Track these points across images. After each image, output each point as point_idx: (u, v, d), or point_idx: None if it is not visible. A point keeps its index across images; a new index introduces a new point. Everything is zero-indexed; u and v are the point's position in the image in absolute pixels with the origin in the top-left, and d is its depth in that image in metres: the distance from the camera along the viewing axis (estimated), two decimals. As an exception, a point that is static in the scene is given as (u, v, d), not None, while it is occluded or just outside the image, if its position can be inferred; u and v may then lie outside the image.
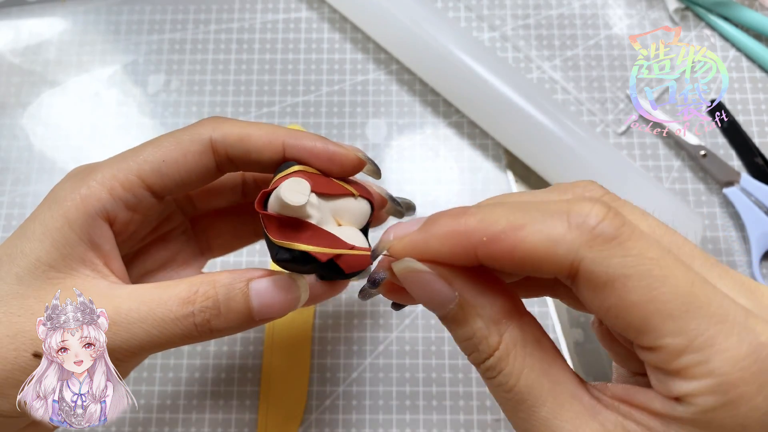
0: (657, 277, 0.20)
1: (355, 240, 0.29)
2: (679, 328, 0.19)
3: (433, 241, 0.23)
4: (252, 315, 0.28)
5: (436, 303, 0.23)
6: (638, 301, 0.20)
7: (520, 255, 0.21)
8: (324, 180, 0.29)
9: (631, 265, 0.20)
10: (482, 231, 0.21)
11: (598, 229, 0.20)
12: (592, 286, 0.20)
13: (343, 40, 0.55)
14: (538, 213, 0.21)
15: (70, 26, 0.56)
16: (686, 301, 0.20)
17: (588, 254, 0.20)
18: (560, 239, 0.20)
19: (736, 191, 0.49)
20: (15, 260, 0.27)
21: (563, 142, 0.47)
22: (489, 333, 0.22)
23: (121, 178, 0.29)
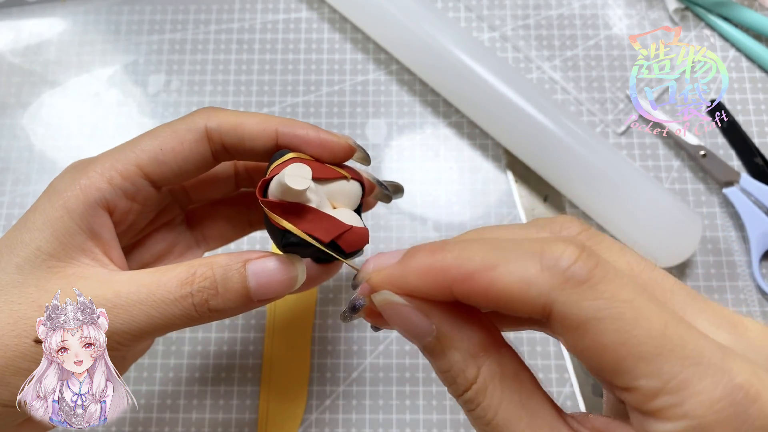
0: (629, 320, 0.19)
1: (352, 220, 0.30)
2: (653, 370, 0.19)
3: (410, 276, 0.23)
4: (250, 295, 0.28)
5: (414, 335, 0.23)
6: (611, 344, 0.20)
7: (494, 295, 0.21)
8: (318, 165, 0.30)
9: (603, 307, 0.20)
10: (457, 269, 0.22)
11: (570, 271, 0.20)
12: (565, 328, 0.20)
13: (343, 41, 0.55)
14: (512, 252, 0.21)
15: (71, 26, 0.56)
16: (659, 344, 0.19)
17: (560, 297, 0.20)
18: (532, 281, 0.20)
19: (736, 191, 0.49)
20: (15, 250, 0.28)
21: (563, 142, 0.47)
22: (466, 366, 0.22)
23: (119, 168, 0.29)
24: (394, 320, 0.24)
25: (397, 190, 0.37)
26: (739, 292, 0.48)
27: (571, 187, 0.48)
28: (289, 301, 0.48)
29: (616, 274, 0.20)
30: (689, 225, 0.46)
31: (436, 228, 0.50)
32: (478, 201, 0.51)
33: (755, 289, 0.48)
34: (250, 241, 0.50)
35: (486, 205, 0.51)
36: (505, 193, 0.51)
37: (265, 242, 0.50)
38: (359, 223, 0.30)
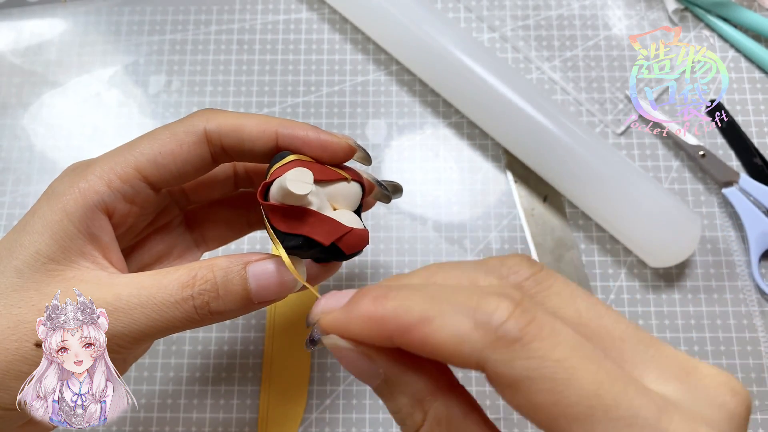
0: (561, 381, 0.19)
1: (352, 221, 0.30)
2: (586, 429, 0.19)
3: (354, 323, 0.23)
4: (250, 297, 0.28)
5: (363, 378, 0.24)
6: (543, 404, 0.19)
7: (429, 349, 0.21)
8: (318, 167, 0.30)
9: (534, 367, 0.19)
10: (396, 320, 0.21)
11: (501, 329, 0.20)
12: (499, 385, 0.20)
13: (344, 41, 0.55)
14: (448, 306, 0.21)
15: (71, 27, 0.57)
16: (591, 404, 0.19)
17: (491, 355, 0.20)
18: (465, 338, 0.20)
19: (735, 191, 0.49)
20: (14, 254, 0.28)
21: (562, 143, 0.47)
22: (413, 410, 0.22)
23: (118, 170, 0.29)
24: (343, 363, 0.24)
25: (396, 190, 0.37)
26: (738, 292, 0.48)
27: (570, 187, 0.48)
28: (290, 301, 0.48)
29: (552, 330, 0.20)
30: (688, 225, 0.46)
31: (436, 228, 0.50)
32: (477, 201, 0.51)
33: (754, 289, 0.48)
34: (249, 241, 0.50)
35: (486, 205, 0.51)
36: (505, 193, 0.51)
37: (266, 242, 0.50)
38: (359, 224, 0.30)
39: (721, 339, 0.47)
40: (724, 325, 0.47)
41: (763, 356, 0.46)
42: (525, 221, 0.50)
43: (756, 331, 0.47)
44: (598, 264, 0.49)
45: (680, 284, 0.48)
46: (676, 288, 0.48)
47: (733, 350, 0.47)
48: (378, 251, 0.49)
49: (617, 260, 0.49)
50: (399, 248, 0.50)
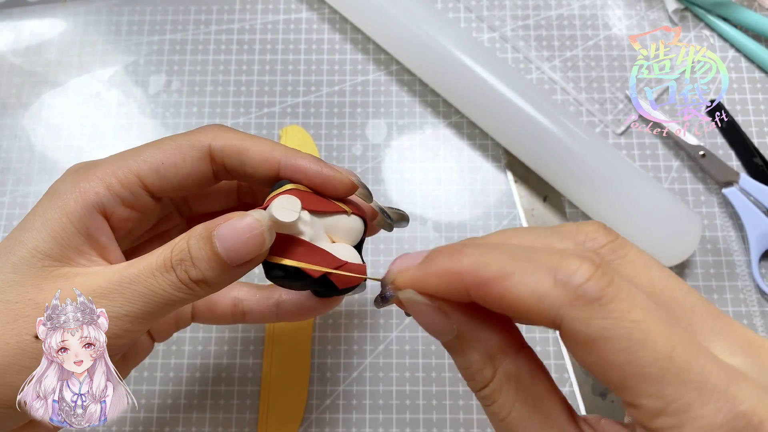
0: (636, 341, 0.20)
1: (348, 256, 0.29)
2: (656, 391, 0.20)
3: (431, 278, 0.24)
4: (223, 259, 0.27)
5: (436, 332, 0.24)
6: (617, 362, 0.20)
7: (507, 303, 0.21)
8: (317, 198, 0.30)
9: (610, 327, 0.20)
10: (473, 275, 0.22)
11: (581, 289, 0.20)
12: (573, 343, 0.21)
13: (343, 41, 0.55)
14: (528, 263, 0.21)
15: (71, 27, 0.57)
16: (664, 366, 0.20)
17: (569, 313, 0.20)
18: (545, 295, 0.21)
19: (735, 191, 0.49)
20: (12, 250, 0.28)
21: (562, 143, 0.47)
22: (484, 366, 0.23)
23: (119, 175, 0.30)
24: (417, 318, 0.25)
25: (401, 219, 0.37)
26: (739, 292, 0.48)
27: (570, 187, 0.48)
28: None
29: (629, 293, 0.20)
30: (689, 225, 0.46)
31: (436, 228, 0.50)
32: (477, 201, 0.51)
33: (754, 289, 0.48)
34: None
35: (486, 206, 0.51)
36: (505, 193, 0.51)
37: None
38: (356, 259, 0.30)
39: (721, 339, 0.47)
40: (724, 325, 0.47)
41: (763, 356, 0.46)
42: (525, 221, 0.50)
43: (756, 331, 0.47)
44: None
45: (680, 284, 0.48)
46: (676, 288, 0.48)
47: (733, 350, 0.47)
48: (378, 251, 0.49)
49: (617, 260, 0.49)
50: (399, 248, 0.50)
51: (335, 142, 0.52)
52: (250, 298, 0.38)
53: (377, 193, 0.51)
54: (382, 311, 0.48)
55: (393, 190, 0.51)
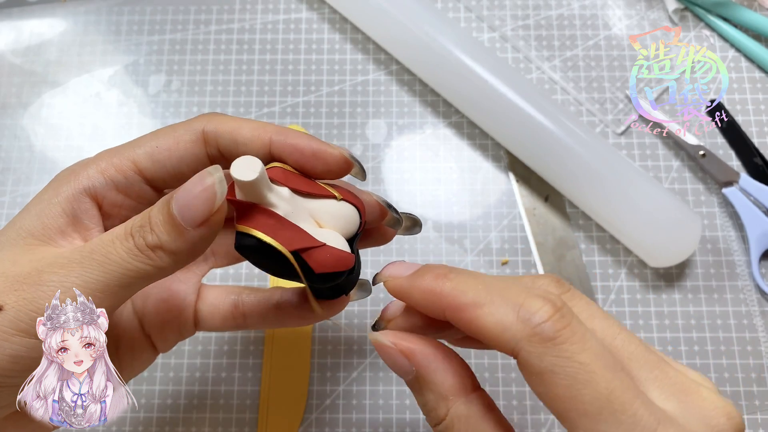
0: (580, 381, 0.23)
1: (333, 240, 0.28)
2: (591, 426, 0.22)
3: (415, 292, 0.27)
4: (177, 220, 0.26)
5: (398, 371, 0.27)
6: (561, 396, 0.23)
7: (475, 329, 0.25)
8: (304, 179, 0.29)
9: (560, 364, 0.23)
10: (452, 299, 0.25)
11: (539, 327, 0.23)
12: (527, 372, 0.24)
13: (343, 41, 0.55)
14: (498, 297, 0.25)
15: (71, 27, 0.57)
16: (601, 405, 0.22)
17: (526, 347, 0.23)
18: (507, 328, 0.24)
19: (735, 191, 0.49)
20: (5, 230, 0.29)
21: (562, 143, 0.47)
22: (437, 405, 0.26)
23: (115, 161, 0.30)
24: (383, 356, 0.28)
25: (414, 224, 0.36)
26: (739, 291, 0.48)
27: (570, 187, 0.48)
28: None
29: (582, 336, 0.23)
30: (689, 225, 0.46)
31: (436, 228, 0.50)
32: (478, 201, 0.51)
33: (754, 289, 0.48)
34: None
35: (486, 205, 0.51)
36: (505, 193, 0.51)
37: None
38: (342, 246, 0.28)
39: (722, 339, 0.47)
40: (725, 325, 0.47)
41: (764, 356, 0.46)
42: (527, 221, 0.50)
43: (756, 331, 0.47)
44: (599, 264, 0.49)
45: (680, 284, 0.48)
46: (677, 288, 0.48)
47: (733, 350, 0.47)
48: (378, 251, 0.49)
49: (617, 260, 0.49)
50: (399, 248, 0.50)
51: (335, 142, 0.52)
52: (250, 300, 0.37)
53: (377, 193, 0.51)
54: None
55: (393, 190, 0.51)
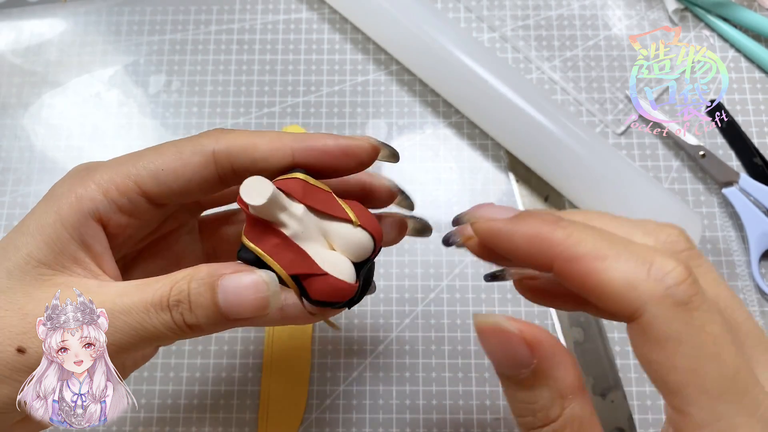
0: (708, 354, 0.20)
1: (338, 269, 0.27)
2: (710, 405, 0.20)
3: (517, 237, 0.24)
4: (222, 312, 0.26)
5: (510, 364, 0.23)
6: (682, 368, 0.21)
7: (592, 283, 0.22)
8: (323, 196, 0.28)
9: (689, 333, 0.20)
10: (567, 248, 0.22)
11: (673, 289, 0.21)
12: (645, 337, 0.21)
13: (343, 41, 0.55)
14: (623, 250, 0.22)
15: (71, 27, 0.57)
16: (725, 385, 0.20)
17: (653, 308, 0.21)
18: (637, 284, 0.21)
19: (735, 191, 0.49)
20: (7, 255, 0.27)
21: (562, 143, 0.47)
22: (552, 405, 0.22)
23: (117, 181, 0.28)
24: (494, 345, 0.23)
25: (425, 229, 0.35)
26: (739, 292, 0.48)
27: (570, 187, 0.48)
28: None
29: (710, 307, 0.21)
30: (688, 225, 0.46)
31: (436, 228, 0.50)
32: (478, 201, 0.51)
33: (754, 289, 0.48)
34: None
35: (486, 205, 0.51)
36: (505, 193, 0.51)
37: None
38: (348, 274, 0.27)
39: (721, 339, 0.47)
40: (724, 325, 0.47)
41: (763, 356, 0.46)
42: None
43: (756, 331, 0.47)
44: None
45: (680, 284, 0.48)
46: (676, 288, 0.48)
47: (733, 350, 0.47)
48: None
49: (617, 260, 0.49)
50: (399, 248, 0.50)
51: (335, 142, 0.52)
52: None
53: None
54: (382, 311, 0.48)
55: (393, 190, 0.51)
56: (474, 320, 0.23)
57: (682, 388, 0.21)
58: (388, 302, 0.48)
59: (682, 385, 0.21)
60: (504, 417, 0.45)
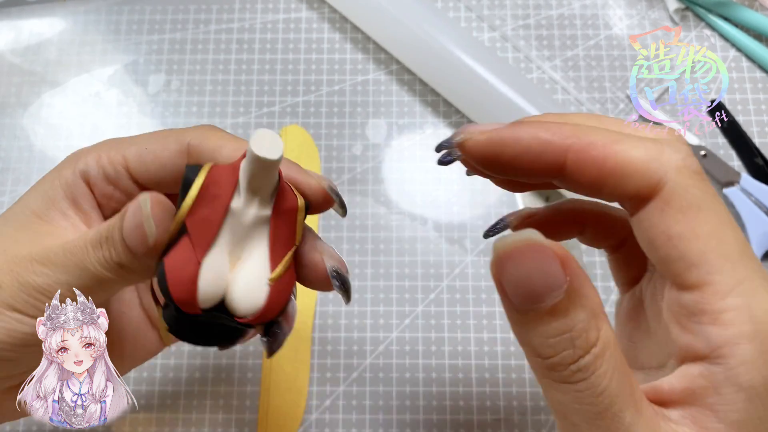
0: (725, 220, 0.21)
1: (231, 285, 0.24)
2: (732, 270, 0.20)
3: (524, 139, 0.23)
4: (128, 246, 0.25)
5: (546, 288, 0.20)
6: (704, 234, 0.21)
7: (612, 164, 0.22)
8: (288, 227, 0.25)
9: (708, 200, 0.21)
10: (579, 138, 0.22)
11: (689, 160, 0.22)
12: (668, 209, 0.22)
13: (343, 40, 0.55)
14: (635, 137, 0.23)
15: (71, 26, 0.56)
16: (742, 249, 0.21)
17: (675, 177, 0.21)
18: (656, 156, 0.22)
19: (737, 191, 0.49)
20: (13, 204, 0.30)
21: (563, 142, 0.47)
22: (589, 327, 0.20)
23: (110, 153, 0.30)
24: (528, 269, 0.20)
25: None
26: (740, 292, 0.48)
27: (571, 187, 0.48)
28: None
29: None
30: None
31: (436, 228, 0.50)
32: (478, 201, 0.51)
33: (755, 289, 0.48)
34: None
35: (486, 205, 0.51)
36: (506, 193, 0.51)
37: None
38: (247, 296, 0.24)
39: (722, 339, 0.47)
40: (725, 325, 0.47)
41: (764, 356, 0.46)
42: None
43: (757, 332, 0.47)
44: (599, 264, 0.49)
45: (681, 284, 0.48)
46: (677, 288, 0.48)
47: (734, 350, 0.47)
48: (378, 251, 0.49)
49: (618, 260, 0.49)
50: (399, 248, 0.49)
51: (335, 141, 0.52)
52: None
53: (377, 193, 0.51)
54: (382, 311, 0.48)
55: (393, 190, 0.51)
56: (498, 246, 0.20)
57: (705, 255, 0.21)
58: (388, 302, 0.48)
59: (704, 252, 0.21)
60: (504, 418, 0.45)
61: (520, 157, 0.23)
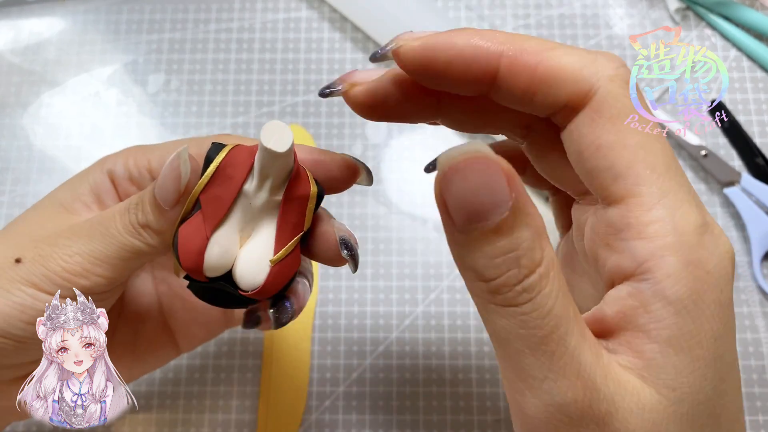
0: (655, 135, 0.22)
1: (236, 260, 0.26)
2: (658, 182, 0.21)
3: (458, 45, 0.23)
4: (158, 202, 0.26)
5: (492, 205, 0.19)
6: (632, 144, 0.21)
7: (544, 70, 0.22)
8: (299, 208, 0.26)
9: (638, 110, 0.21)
10: (513, 44, 0.22)
11: (621, 70, 0.22)
12: (598, 117, 0.22)
13: (344, 40, 0.55)
14: (569, 46, 0.23)
15: (70, 26, 0.56)
16: (668, 162, 0.21)
17: (607, 85, 0.22)
18: (588, 64, 0.22)
19: (737, 191, 0.48)
20: (44, 197, 0.31)
21: (564, 142, 0.47)
22: (534, 246, 0.19)
23: (137, 156, 0.31)
24: (474, 184, 0.19)
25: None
26: (740, 292, 0.48)
27: (571, 187, 0.48)
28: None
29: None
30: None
31: (436, 228, 0.50)
32: (478, 201, 0.51)
33: (756, 290, 0.48)
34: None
35: (486, 205, 0.51)
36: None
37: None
38: (253, 273, 0.26)
39: (723, 339, 0.47)
40: (726, 325, 0.47)
41: (765, 357, 0.46)
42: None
43: (758, 332, 0.47)
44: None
45: (682, 284, 0.48)
46: (678, 288, 0.48)
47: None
48: (378, 251, 0.49)
49: (618, 260, 0.49)
50: (399, 248, 0.49)
51: (335, 141, 0.52)
52: None
53: (377, 193, 0.51)
54: (382, 311, 0.48)
55: (393, 190, 0.51)
56: (443, 160, 0.19)
57: (632, 165, 0.21)
58: (388, 303, 0.48)
59: (632, 162, 0.21)
60: (504, 418, 0.45)
61: (453, 63, 0.23)
